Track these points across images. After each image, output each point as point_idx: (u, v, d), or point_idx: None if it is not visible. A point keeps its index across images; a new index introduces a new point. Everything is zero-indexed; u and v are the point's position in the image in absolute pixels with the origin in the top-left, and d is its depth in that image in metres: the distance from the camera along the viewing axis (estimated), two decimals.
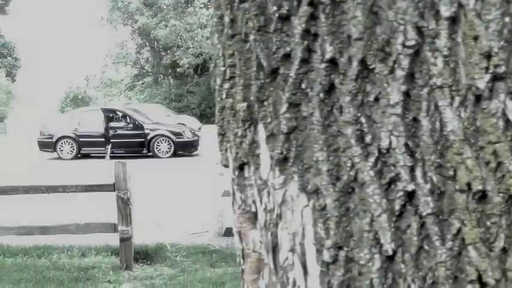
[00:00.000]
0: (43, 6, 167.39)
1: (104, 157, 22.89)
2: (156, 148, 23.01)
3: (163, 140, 23.16)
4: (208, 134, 29.43)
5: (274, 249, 0.98)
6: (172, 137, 23.12)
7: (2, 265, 7.51)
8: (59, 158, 23.56)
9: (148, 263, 7.81)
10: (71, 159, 23.24)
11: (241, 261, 1.08)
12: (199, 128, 31.11)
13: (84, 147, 23.73)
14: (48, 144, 23.95)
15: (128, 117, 24.12)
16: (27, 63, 51.87)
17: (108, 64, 75.83)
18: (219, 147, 1.14)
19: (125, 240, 7.36)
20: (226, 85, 1.01)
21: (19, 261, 7.70)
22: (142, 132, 23.18)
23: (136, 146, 23.14)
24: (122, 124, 23.83)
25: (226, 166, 1.12)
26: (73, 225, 7.68)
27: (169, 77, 73.84)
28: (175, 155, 22.95)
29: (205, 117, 55.27)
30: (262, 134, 0.95)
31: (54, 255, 7.87)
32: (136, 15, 66.00)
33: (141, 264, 7.71)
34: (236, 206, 1.07)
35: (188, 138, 23.58)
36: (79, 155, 23.55)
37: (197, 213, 11.15)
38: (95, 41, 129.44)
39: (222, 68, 1.02)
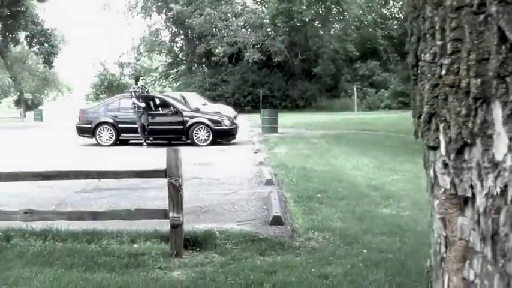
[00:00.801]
0: None
1: (142, 144, 23.12)
2: (195, 136, 23.10)
3: (202, 127, 23.25)
4: (242, 123, 29.54)
5: (493, 237, 0.92)
6: (211, 125, 23.22)
7: (52, 249, 7.53)
8: (98, 144, 23.74)
9: (198, 249, 7.79)
10: (110, 145, 23.42)
11: (443, 249, 1.01)
12: (235, 117, 31.27)
13: (123, 134, 23.90)
14: (87, 130, 24.19)
15: (167, 104, 24.23)
16: (63, 50, 52.10)
17: (142, 52, 76.08)
18: (423, 128, 1.06)
19: (176, 227, 7.35)
20: (446, 60, 0.94)
21: (69, 246, 7.71)
22: (182, 119, 23.29)
23: (176, 133, 23.26)
24: (161, 111, 23.96)
25: (434, 148, 1.05)
26: (124, 211, 7.71)
27: (204, 66, 74.01)
28: (213, 143, 23.03)
29: (238, 106, 55.35)
30: (498, 112, 0.89)
31: (104, 241, 7.87)
32: (171, 3, 66.02)
33: (190, 251, 7.69)
34: (440, 190, 1.01)
35: (227, 126, 23.68)
36: (117, 142, 23.71)
37: (240, 201, 11.16)
38: (129, 28, 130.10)
39: (439, 42, 0.95)
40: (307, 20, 56.00)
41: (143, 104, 23.23)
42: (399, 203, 11.23)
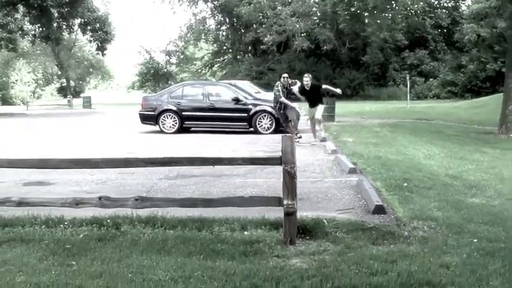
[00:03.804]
0: None
1: (205, 131, 23.15)
2: (258, 124, 23.02)
3: (265, 116, 23.15)
4: None
5: None
6: (274, 112, 23.08)
7: (165, 237, 7.44)
8: (161, 131, 23.84)
9: (308, 238, 7.65)
10: (173, 133, 23.50)
11: None
12: None
13: (186, 121, 23.95)
14: (150, 117, 24.31)
15: (231, 93, 24.14)
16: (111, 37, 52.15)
17: (190, 41, 76.44)
18: None
19: (290, 214, 7.24)
20: None
21: (180, 234, 7.60)
22: (245, 107, 23.21)
23: (239, 121, 23.20)
24: (225, 98, 23.87)
25: None
26: (238, 198, 7.63)
27: (250, 55, 73.98)
28: (276, 131, 22.92)
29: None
30: None
31: (215, 228, 7.78)
32: None
33: (301, 239, 7.55)
34: None
35: None
36: (180, 129, 23.78)
37: (330, 189, 11.02)
38: (174, 17, 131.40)
39: None
40: (370, 7, 55.66)
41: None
42: (483, 192, 11.13)
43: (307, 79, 20.30)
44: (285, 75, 21.33)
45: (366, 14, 61.86)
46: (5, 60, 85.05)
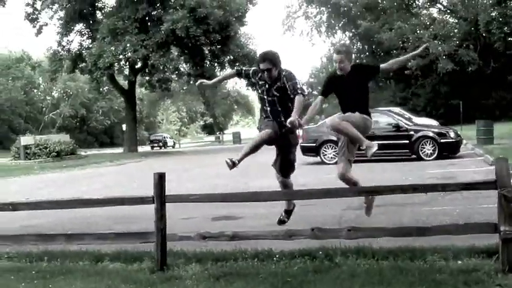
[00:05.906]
0: (269, 14, 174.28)
1: (364, 160, 22.91)
2: (421, 150, 22.73)
3: (427, 141, 22.85)
4: None
5: None
6: (437, 138, 22.77)
7: (380, 268, 7.37)
8: (322, 162, 23.94)
9: None
10: (335, 163, 23.44)
11: None
12: None
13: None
14: (311, 149, 24.48)
15: (391, 119, 23.98)
16: None
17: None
18: None
19: (508, 241, 7.05)
20: None
21: (393, 264, 7.54)
22: (407, 133, 23.01)
23: (400, 148, 22.99)
24: (384, 126, 23.68)
25: None
26: (452, 226, 7.53)
27: (392, 81, 73.33)
28: (439, 156, 22.53)
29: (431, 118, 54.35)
30: None
31: (428, 257, 7.68)
32: (359, 19, 66.13)
33: None
34: None
35: (453, 138, 23.13)
36: None
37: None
38: (312, 48, 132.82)
39: None
40: None
41: None
42: None
43: (339, 56, 8.97)
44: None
45: None
46: (152, 101, 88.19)
